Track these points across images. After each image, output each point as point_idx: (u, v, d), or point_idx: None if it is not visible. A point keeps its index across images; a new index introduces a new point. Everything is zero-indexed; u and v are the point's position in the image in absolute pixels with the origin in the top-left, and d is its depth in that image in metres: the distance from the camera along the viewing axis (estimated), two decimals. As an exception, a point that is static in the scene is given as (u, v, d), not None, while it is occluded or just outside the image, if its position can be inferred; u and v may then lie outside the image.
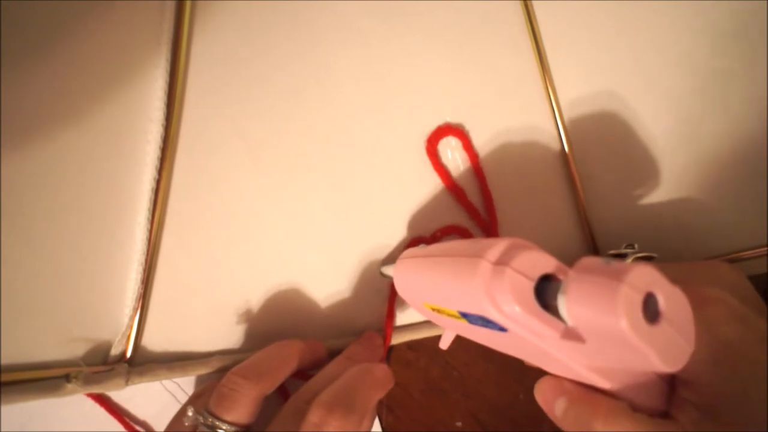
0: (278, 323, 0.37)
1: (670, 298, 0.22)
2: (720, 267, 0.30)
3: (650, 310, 0.21)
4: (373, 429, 0.33)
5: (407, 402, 0.38)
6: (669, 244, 0.36)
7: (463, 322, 0.27)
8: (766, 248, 0.36)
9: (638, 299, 0.20)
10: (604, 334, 0.21)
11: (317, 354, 0.36)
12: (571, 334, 0.23)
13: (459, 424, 0.39)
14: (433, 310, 0.29)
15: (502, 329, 0.24)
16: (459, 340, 0.38)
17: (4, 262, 0.33)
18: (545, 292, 0.23)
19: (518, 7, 0.35)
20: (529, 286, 0.23)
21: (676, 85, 0.35)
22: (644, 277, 0.21)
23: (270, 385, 0.32)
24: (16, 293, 0.33)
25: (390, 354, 0.38)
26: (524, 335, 0.24)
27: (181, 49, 0.33)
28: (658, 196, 0.36)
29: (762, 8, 0.35)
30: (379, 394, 0.32)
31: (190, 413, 0.31)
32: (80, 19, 0.32)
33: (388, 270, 0.34)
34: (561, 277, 0.23)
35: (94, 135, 0.33)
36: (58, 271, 0.34)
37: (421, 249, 0.30)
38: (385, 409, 0.38)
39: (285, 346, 0.34)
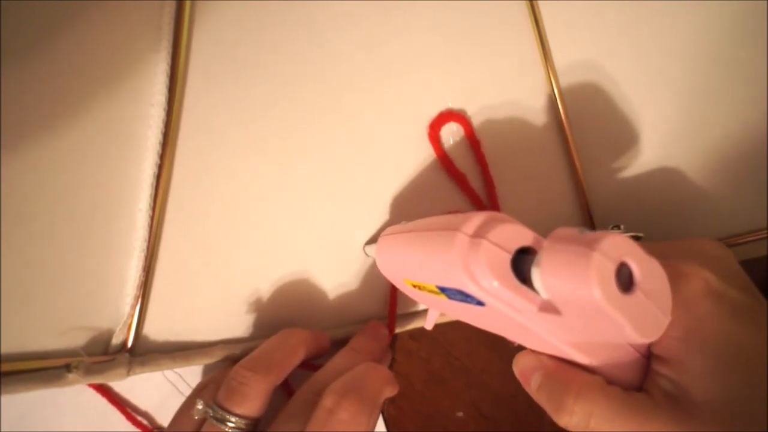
0: (281, 312, 0.37)
1: (646, 267, 0.21)
2: (704, 243, 0.29)
3: (624, 280, 0.21)
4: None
5: (409, 392, 0.38)
6: (669, 227, 0.37)
7: (443, 298, 0.27)
8: (766, 232, 0.36)
9: (611, 267, 0.20)
10: (579, 305, 0.21)
11: (321, 343, 0.35)
12: (548, 308, 0.23)
13: (460, 414, 0.38)
14: (414, 286, 0.29)
15: (480, 303, 0.24)
16: (460, 331, 0.38)
17: (4, 250, 0.32)
18: (523, 265, 0.23)
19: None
20: (505, 259, 0.23)
21: (678, 74, 0.36)
22: (618, 245, 0.20)
23: (278, 377, 0.32)
24: (16, 282, 0.33)
25: (393, 343, 0.38)
26: (502, 309, 0.23)
27: (182, 36, 0.33)
28: (658, 180, 0.37)
29: (763, 3, 0.35)
30: (388, 391, 0.32)
31: (199, 406, 0.31)
32: (83, 11, 0.32)
33: (371, 249, 0.34)
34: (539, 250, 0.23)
35: (96, 121, 0.33)
36: (58, 259, 0.33)
37: (401, 225, 0.30)
38: (386, 400, 0.38)
39: (291, 335, 0.34)
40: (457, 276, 0.23)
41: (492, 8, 0.35)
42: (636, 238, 0.31)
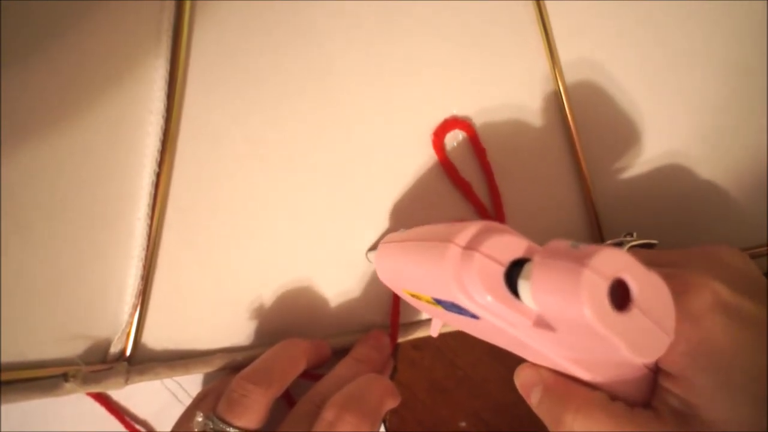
0: (282, 320, 0.36)
1: (644, 283, 0.20)
2: (719, 250, 0.27)
3: (620, 296, 0.20)
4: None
5: (411, 401, 0.38)
6: (678, 232, 0.36)
7: (440, 309, 0.26)
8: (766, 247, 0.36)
9: (603, 285, 0.19)
10: (571, 322, 0.20)
11: (322, 353, 0.35)
12: (543, 323, 0.22)
13: (463, 424, 0.38)
14: (412, 296, 0.28)
15: (475, 317, 0.23)
16: (464, 340, 0.38)
17: (3, 259, 0.32)
18: (517, 277, 0.22)
19: (527, -2, 0.34)
20: (499, 272, 0.22)
21: (688, 81, 0.35)
22: (612, 260, 0.19)
23: (280, 389, 0.32)
24: (14, 290, 0.32)
25: (395, 352, 0.38)
26: (496, 323, 0.23)
27: (182, 42, 0.32)
28: (666, 187, 0.36)
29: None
30: (389, 403, 0.32)
31: (199, 418, 0.30)
32: (81, 13, 0.31)
33: (372, 256, 0.34)
34: None
35: (93, 128, 0.32)
36: (55, 267, 0.33)
37: (400, 233, 0.30)
38: (388, 411, 0.38)
39: (291, 346, 0.34)
40: (450, 289, 0.23)
41: (498, 13, 0.34)
42: (649, 246, 0.30)
